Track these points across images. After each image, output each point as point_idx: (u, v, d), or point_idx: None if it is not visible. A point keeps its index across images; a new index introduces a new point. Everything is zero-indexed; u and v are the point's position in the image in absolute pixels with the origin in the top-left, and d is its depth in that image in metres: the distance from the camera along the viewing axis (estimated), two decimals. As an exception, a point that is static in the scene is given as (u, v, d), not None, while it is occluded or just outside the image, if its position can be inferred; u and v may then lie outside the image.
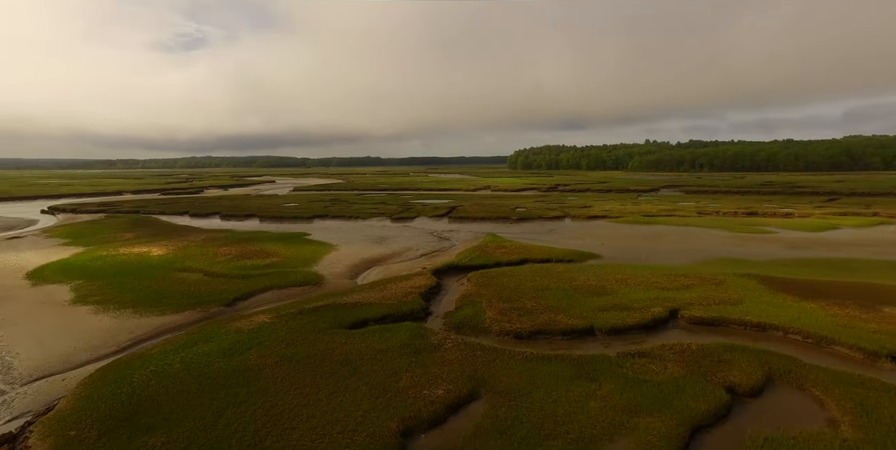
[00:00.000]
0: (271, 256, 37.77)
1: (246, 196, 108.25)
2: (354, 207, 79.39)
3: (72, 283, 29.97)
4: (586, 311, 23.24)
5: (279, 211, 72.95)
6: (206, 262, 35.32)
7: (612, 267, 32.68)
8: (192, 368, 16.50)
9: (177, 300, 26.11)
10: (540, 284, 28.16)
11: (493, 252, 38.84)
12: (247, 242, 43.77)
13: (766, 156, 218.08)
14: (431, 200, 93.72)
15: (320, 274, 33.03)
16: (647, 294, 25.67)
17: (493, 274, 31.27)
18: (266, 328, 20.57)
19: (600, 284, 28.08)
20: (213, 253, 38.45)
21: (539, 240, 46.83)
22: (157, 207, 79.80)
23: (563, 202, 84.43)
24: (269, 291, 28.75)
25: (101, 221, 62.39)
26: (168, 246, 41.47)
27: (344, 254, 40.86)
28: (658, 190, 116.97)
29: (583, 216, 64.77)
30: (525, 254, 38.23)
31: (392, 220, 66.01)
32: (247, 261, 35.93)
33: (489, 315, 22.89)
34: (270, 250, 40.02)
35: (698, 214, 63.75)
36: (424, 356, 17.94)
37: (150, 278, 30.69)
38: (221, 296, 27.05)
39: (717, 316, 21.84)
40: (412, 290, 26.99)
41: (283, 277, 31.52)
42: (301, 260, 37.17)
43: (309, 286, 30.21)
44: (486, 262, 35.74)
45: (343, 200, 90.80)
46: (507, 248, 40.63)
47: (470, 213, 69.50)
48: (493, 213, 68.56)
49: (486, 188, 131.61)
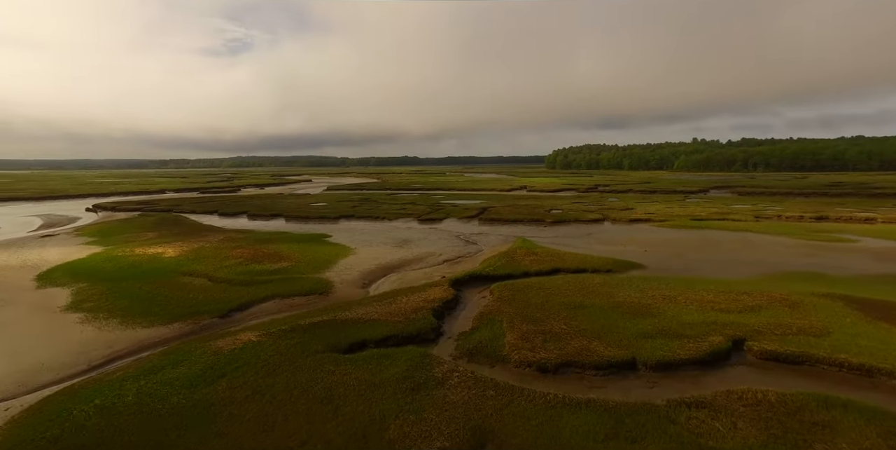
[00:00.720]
0: (283, 261, 35.61)
1: (278, 195, 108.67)
2: (382, 207, 77.21)
3: (76, 286, 28.72)
4: (627, 337, 19.30)
5: (306, 211, 71.73)
6: (214, 265, 33.52)
7: (657, 280, 28.28)
8: (146, 402, 13.97)
9: (170, 309, 24.08)
10: (572, 301, 24.30)
11: (522, 260, 35.10)
12: (262, 243, 41.99)
13: (831, 154, 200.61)
14: (463, 200, 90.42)
15: (330, 281, 30.44)
16: (701, 317, 21.35)
17: (520, 286, 27.62)
18: (249, 350, 17.93)
19: (644, 301, 23.91)
20: (225, 256, 36.72)
21: (574, 246, 42.59)
22: (190, 205, 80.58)
23: (603, 204, 79.03)
24: (270, 301, 26.34)
25: (132, 220, 62.94)
26: (183, 247, 40.23)
27: (361, 258, 38.24)
28: (707, 191, 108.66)
29: (624, 219, 59.61)
30: (557, 262, 34.28)
31: (419, 221, 63.20)
32: (256, 265, 33.89)
33: (509, 339, 19.36)
34: (284, 254, 37.93)
35: (756, 218, 57.17)
36: (423, 396, 14.69)
37: (153, 283, 29.03)
38: (218, 305, 24.84)
39: (798, 351, 17.31)
40: (424, 304, 23.80)
41: (289, 284, 29.12)
42: (313, 265, 34.79)
43: (315, 296, 27.62)
44: (512, 271, 32.09)
45: (372, 200, 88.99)
46: (538, 255, 36.76)
47: (501, 214, 65.67)
48: (527, 215, 64.43)
49: (522, 188, 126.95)
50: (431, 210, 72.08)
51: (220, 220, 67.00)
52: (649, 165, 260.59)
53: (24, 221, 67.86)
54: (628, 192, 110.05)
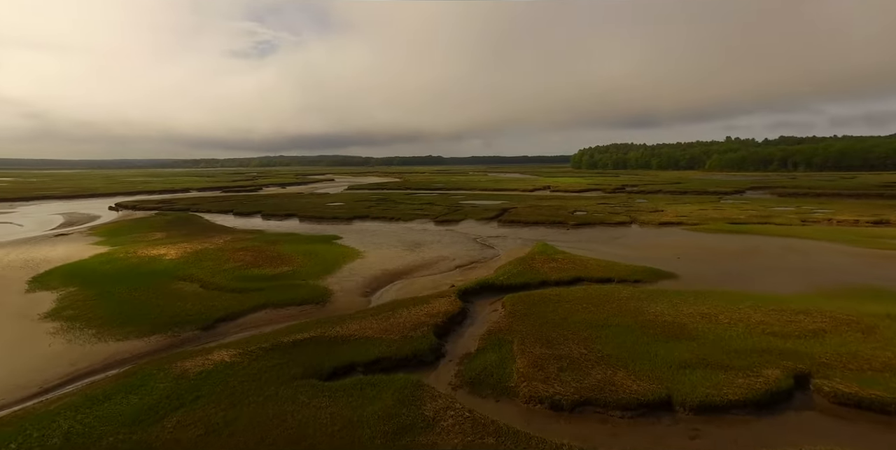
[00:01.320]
0: (284, 265, 33.60)
1: (298, 194, 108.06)
2: (399, 207, 75.03)
3: (65, 290, 27.31)
4: (660, 366, 16.19)
5: (321, 211, 70.19)
6: (212, 270, 31.75)
7: (694, 294, 24.83)
8: (73, 444, 11.78)
9: (152, 319, 22.18)
10: (595, 318, 21.24)
11: (541, 267, 32.06)
12: (268, 245, 40.18)
13: (882, 152, 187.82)
14: (483, 200, 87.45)
15: (330, 289, 28.16)
16: (750, 342, 17.99)
17: (536, 298, 24.66)
18: (218, 373, 15.67)
19: (679, 320, 20.65)
20: (226, 259, 34.99)
21: (599, 251, 39.19)
22: (208, 204, 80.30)
23: (631, 205, 74.75)
24: (261, 311, 24.20)
25: (147, 219, 62.56)
26: (187, 248, 38.78)
27: (368, 262, 35.93)
28: (743, 192, 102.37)
29: (653, 222, 55.58)
30: (580, 270, 31.10)
31: (436, 222, 60.66)
32: (254, 270, 31.96)
33: (519, 366, 16.53)
34: (287, 257, 35.95)
35: (803, 222, 52.21)
36: (407, 441, 12.05)
37: (145, 288, 27.36)
38: (204, 315, 22.83)
39: (889, 397, 13.81)
40: (426, 319, 21.17)
41: (285, 292, 26.97)
42: (316, 270, 32.64)
43: (310, 305, 25.36)
44: (529, 280, 29.13)
45: (390, 200, 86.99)
46: (559, 261, 33.64)
47: (522, 216, 62.46)
48: (549, 216, 61.04)
49: (546, 188, 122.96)
50: (449, 211, 69.47)
51: (234, 219, 66.09)
52: (679, 165, 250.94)
53: (47, 219, 68.57)
54: (657, 192, 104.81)
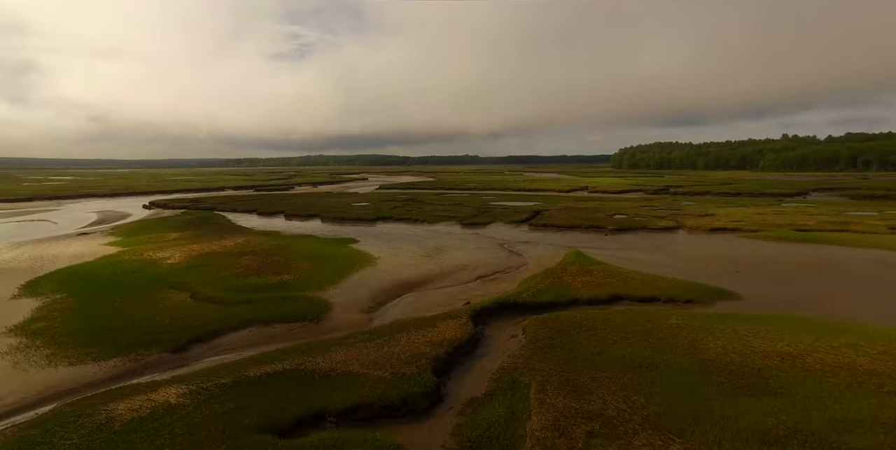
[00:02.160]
0: (287, 272, 30.76)
1: (326, 194, 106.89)
2: (426, 208, 71.71)
3: (51, 297, 25.39)
4: (731, 438, 11.78)
5: (345, 211, 67.82)
6: (209, 277, 29.27)
7: (765, 322, 19.91)
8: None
9: (122, 337, 19.57)
10: (637, 354, 16.88)
11: (572, 281, 27.70)
12: (277, 250, 37.61)
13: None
14: (515, 202, 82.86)
15: (329, 303, 24.94)
16: (864, 406, 13.09)
17: (564, 323, 20.46)
18: (151, 422, 12.55)
19: (750, 362, 15.98)
20: (229, 264, 32.56)
21: (641, 262, 34.27)
22: (235, 203, 79.78)
23: (677, 208, 68.29)
24: (245, 329, 21.22)
25: (170, 219, 62.02)
26: (194, 251, 36.77)
27: (380, 270, 32.63)
28: (807, 194, 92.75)
29: (703, 228, 49.57)
30: (618, 286, 26.54)
31: (462, 225, 56.89)
32: (254, 278, 29.23)
33: (534, 427, 12.53)
34: (293, 263, 33.16)
35: (891, 229, 44.84)
36: None
37: (132, 296, 25.07)
38: (179, 333, 20.04)
39: None
40: (427, 349, 17.47)
41: (278, 305, 23.96)
42: (320, 279, 29.59)
43: (302, 324, 22.19)
44: (557, 297, 24.89)
45: (418, 201, 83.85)
46: (594, 274, 29.14)
47: (555, 219, 57.68)
48: (584, 220, 55.98)
49: (583, 189, 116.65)
50: (478, 213, 65.51)
51: (257, 219, 64.69)
52: (729, 165, 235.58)
53: (81, 218, 69.56)
54: (706, 194, 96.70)
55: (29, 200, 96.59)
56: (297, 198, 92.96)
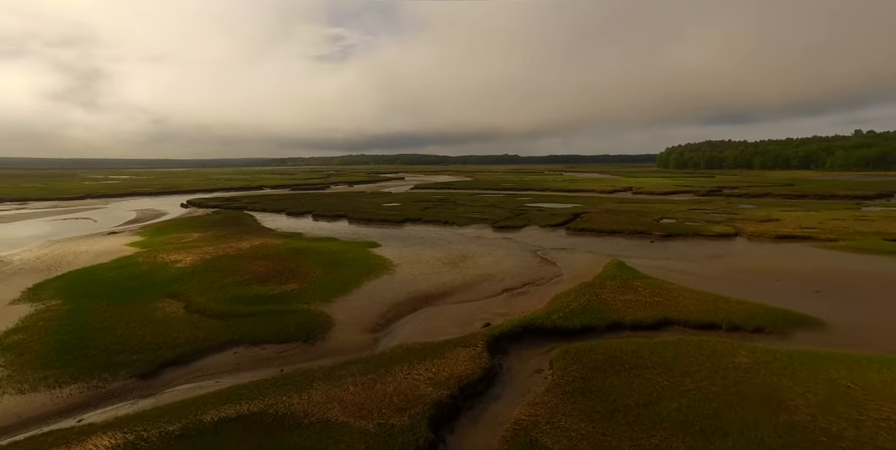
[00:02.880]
0: (295, 280, 28.37)
1: (359, 194, 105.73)
2: (457, 210, 68.51)
3: (45, 304, 24.07)
4: None
5: (373, 212, 65.65)
6: (211, 284, 27.28)
7: (873, 365, 15.35)
8: None
9: (93, 356, 17.52)
10: (697, 409, 12.97)
11: (613, 299, 23.70)
12: (292, 254, 35.46)
13: None
14: (553, 203, 78.22)
15: (332, 319, 22.20)
16: None
17: (602, 357, 16.70)
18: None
19: (870, 436, 11.73)
20: (238, 269, 30.61)
21: (695, 275, 29.63)
22: (267, 203, 79.50)
23: (733, 211, 61.74)
24: (230, 350, 18.75)
25: (198, 218, 61.92)
26: (207, 254, 35.23)
27: (397, 279, 29.74)
28: (891, 196, 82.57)
29: (768, 235, 43.66)
30: (668, 307, 22.33)
31: (494, 228, 53.30)
32: (257, 287, 26.96)
33: (555, 525, 9.06)
34: (305, 269, 30.81)
35: None
36: None
37: (125, 305, 23.32)
38: (155, 354, 17.80)
39: None
40: (429, 389, 14.25)
41: (274, 321, 21.44)
42: (329, 288, 26.99)
43: (296, 343, 19.51)
44: (594, 320, 21.04)
45: (450, 201, 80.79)
46: (638, 291, 24.98)
47: (596, 223, 53.00)
48: (628, 224, 51.04)
49: (627, 190, 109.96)
50: (512, 215, 61.66)
51: (284, 219, 63.60)
52: (790, 164, 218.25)
53: (121, 216, 71.02)
54: (765, 196, 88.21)
55: (82, 199, 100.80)
56: (328, 197, 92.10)
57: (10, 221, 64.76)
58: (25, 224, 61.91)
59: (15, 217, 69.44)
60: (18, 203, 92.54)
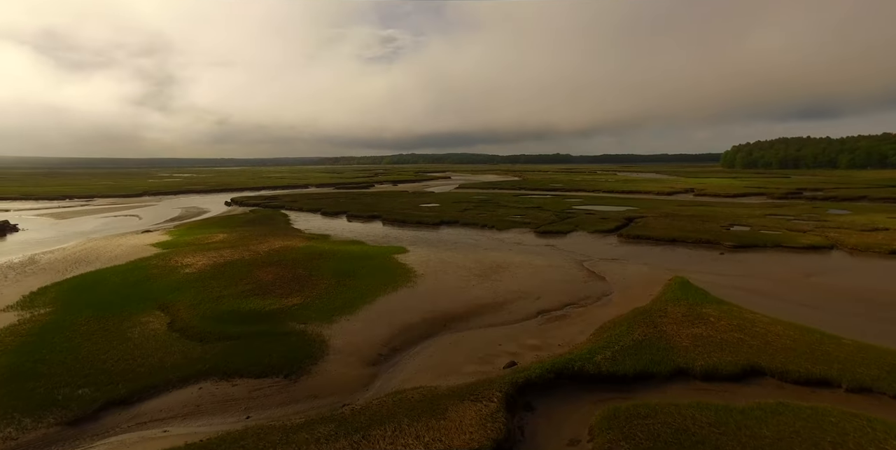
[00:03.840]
0: (302, 292, 25.20)
1: (400, 193, 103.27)
2: (499, 212, 63.88)
3: (31, 313, 22.28)
4: None
5: (409, 213, 62.38)
6: (211, 294, 24.64)
7: None
8: None
9: (31, 389, 14.85)
10: None
11: (676, 333, 18.56)
12: (309, 260, 32.56)
13: None
14: (604, 206, 71.69)
15: (328, 345, 18.68)
16: None
17: (663, 429, 11.94)
18: None
19: None
20: (243, 277, 27.96)
21: (785, 300, 23.62)
22: (305, 202, 78.48)
23: (821, 218, 52.94)
24: (195, 385, 15.56)
25: (234, 217, 61.26)
26: (221, 257, 33.07)
27: (415, 295, 25.91)
28: None
29: (877, 249, 35.89)
30: (755, 349, 16.93)
31: (536, 233, 48.37)
32: (258, 300, 23.97)
33: None
34: (316, 279, 27.68)
35: None
36: None
37: (109, 318, 21.03)
38: (107, 387, 14.93)
39: None
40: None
41: (260, 346, 18.20)
42: (336, 303, 23.59)
43: (275, 379, 16.07)
44: (652, 364, 16.13)
45: (492, 202, 76.21)
46: (711, 323, 19.63)
47: (653, 230, 46.75)
48: (691, 232, 44.43)
49: (688, 192, 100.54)
50: (557, 219, 56.27)
51: (318, 219, 61.71)
52: (886, 162, 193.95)
53: (166, 213, 72.30)
54: (860, 199, 76.74)
55: (139, 196, 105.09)
56: (367, 197, 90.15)
57: (69, 218, 67.14)
58: (80, 221, 63.82)
59: (76, 213, 72.25)
60: (86, 200, 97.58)
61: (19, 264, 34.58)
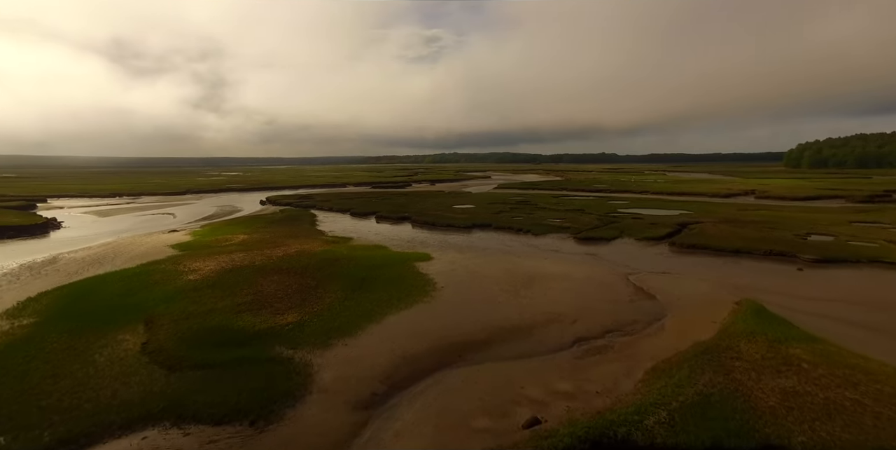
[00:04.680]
0: (299, 308, 22.30)
1: (436, 193, 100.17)
2: (536, 214, 59.41)
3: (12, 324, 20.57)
4: None
5: (440, 215, 59.05)
6: (201, 306, 22.17)
7: None
8: None
9: (-35, 424, 12.59)
10: None
11: (758, 387, 14.05)
12: (322, 267, 29.82)
13: None
14: (653, 209, 65.55)
15: (314, 380, 15.54)
16: None
17: None
18: None
19: None
20: (247, 285, 25.46)
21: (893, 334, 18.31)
22: (337, 202, 76.83)
23: (921, 227, 45.07)
24: (143, 431, 12.74)
25: (261, 216, 60.10)
26: (234, 261, 30.96)
27: (430, 313, 22.46)
28: None
29: None
30: (882, 422, 12.20)
31: (576, 239, 43.79)
32: (250, 316, 21.22)
33: None
34: (323, 290, 24.78)
35: None
36: None
37: (89, 334, 18.88)
38: (29, 436, 12.39)
39: None
40: None
41: (233, 378, 15.29)
42: (336, 322, 20.51)
43: (237, 428, 13.02)
44: (728, 436, 11.79)
45: (530, 204, 71.62)
46: (805, 371, 14.94)
47: (711, 238, 41.06)
48: (759, 241, 38.47)
49: (748, 194, 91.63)
50: (601, 223, 51.21)
51: (346, 220, 59.50)
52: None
53: (201, 211, 72.69)
54: (960, 205, 66.25)
55: (182, 194, 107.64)
56: (401, 197, 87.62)
57: (111, 215, 68.55)
58: (118, 218, 64.82)
59: (119, 211, 73.88)
60: (133, 197, 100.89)
61: (39, 264, 33.98)
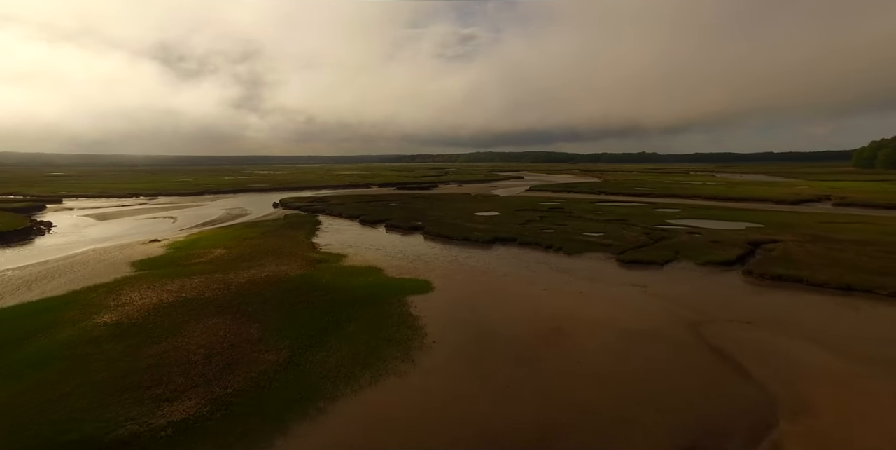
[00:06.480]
0: (204, 390, 15.24)
1: (462, 196, 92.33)
2: (570, 225, 50.80)
3: None
4: None
5: (459, 225, 51.37)
6: (62, 386, 15.54)
7: None
8: None
9: None
10: None
11: None
12: (286, 303, 22.88)
13: None
14: (710, 220, 55.50)
15: None
16: None
17: None
18: None
19: None
20: (164, 338, 18.72)
21: None
22: (350, 206, 70.40)
23: None
24: None
25: (258, 223, 53.95)
26: (183, 289, 24.52)
27: (400, 403, 15.01)
28: None
29: None
30: None
31: (620, 262, 35.25)
32: (125, 404, 14.34)
33: None
34: (267, 345, 17.69)
35: None
36: None
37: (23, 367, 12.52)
38: None
39: None
40: None
41: None
42: (243, 426, 13.37)
43: None
44: None
45: (563, 212, 62.73)
46: None
47: (803, 265, 31.60)
48: (878, 271, 28.73)
49: (822, 200, 79.30)
50: (648, 240, 42.15)
51: (353, 229, 52.72)
52: None
53: (205, 215, 68.01)
54: None
55: (199, 194, 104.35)
56: (421, 201, 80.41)
57: (111, 218, 64.73)
58: (116, 222, 60.72)
59: (120, 214, 70.17)
60: (149, 197, 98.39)
61: (-24, 284, 28.83)
